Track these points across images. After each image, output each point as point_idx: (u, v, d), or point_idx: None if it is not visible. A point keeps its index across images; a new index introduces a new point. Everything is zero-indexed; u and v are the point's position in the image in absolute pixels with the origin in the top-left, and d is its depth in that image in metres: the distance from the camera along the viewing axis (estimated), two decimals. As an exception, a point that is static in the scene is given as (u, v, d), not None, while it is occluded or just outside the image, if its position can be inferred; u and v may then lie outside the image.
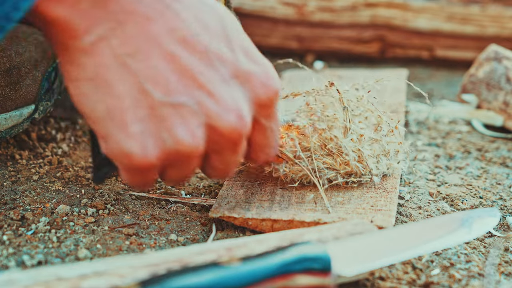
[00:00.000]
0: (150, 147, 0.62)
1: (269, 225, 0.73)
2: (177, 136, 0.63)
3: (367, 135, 0.79)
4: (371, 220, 0.71)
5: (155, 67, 0.62)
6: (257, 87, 0.66)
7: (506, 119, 1.04)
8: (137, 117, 0.62)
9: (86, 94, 0.62)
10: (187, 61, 0.63)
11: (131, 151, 0.62)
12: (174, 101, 0.62)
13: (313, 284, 0.58)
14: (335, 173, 0.77)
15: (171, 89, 0.62)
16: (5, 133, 0.84)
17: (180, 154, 0.64)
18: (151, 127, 0.62)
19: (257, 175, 0.82)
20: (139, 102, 0.62)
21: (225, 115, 0.64)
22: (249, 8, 1.40)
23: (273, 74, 0.68)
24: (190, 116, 0.63)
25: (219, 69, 0.64)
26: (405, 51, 1.39)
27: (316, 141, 0.77)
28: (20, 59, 0.83)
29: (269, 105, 0.68)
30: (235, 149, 0.67)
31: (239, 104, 0.65)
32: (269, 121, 0.69)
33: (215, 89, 0.64)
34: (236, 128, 0.65)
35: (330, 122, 0.78)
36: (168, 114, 0.62)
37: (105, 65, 0.61)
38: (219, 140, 0.65)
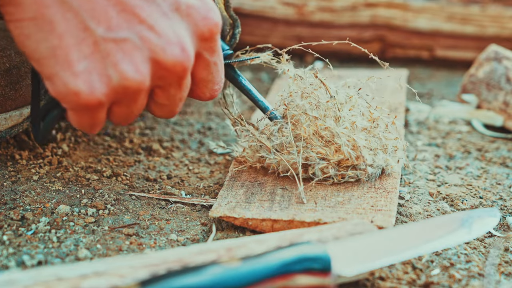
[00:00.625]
0: (97, 84, 0.62)
1: (269, 225, 0.73)
2: (122, 71, 0.63)
3: (360, 123, 0.79)
4: (371, 220, 0.71)
5: (96, 3, 0.62)
6: (198, 20, 0.67)
7: (506, 119, 1.04)
8: (81, 55, 0.62)
9: (29, 34, 0.62)
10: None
11: (78, 89, 0.62)
12: (117, 36, 0.62)
13: (313, 284, 0.58)
14: (326, 163, 0.77)
15: (113, 24, 0.62)
16: (5, 133, 0.84)
17: (127, 89, 0.64)
18: (96, 64, 0.62)
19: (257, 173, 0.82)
20: (82, 39, 0.62)
21: (168, 48, 0.64)
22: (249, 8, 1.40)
23: (213, 7, 0.68)
24: (134, 50, 0.63)
25: (160, 3, 0.64)
26: (405, 51, 1.39)
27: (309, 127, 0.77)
28: (20, 59, 0.83)
29: (211, 38, 0.68)
30: (180, 83, 0.67)
31: (182, 37, 0.65)
32: (212, 56, 0.69)
33: (157, 23, 0.64)
34: (180, 61, 0.65)
35: (322, 111, 0.78)
36: (112, 50, 0.62)
37: (45, 4, 0.61)
38: (164, 74, 0.65)
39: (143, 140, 0.96)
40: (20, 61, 0.83)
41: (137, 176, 0.86)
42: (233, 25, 0.83)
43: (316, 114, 0.78)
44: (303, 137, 0.78)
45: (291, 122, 0.79)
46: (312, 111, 0.78)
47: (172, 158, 0.92)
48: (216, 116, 1.10)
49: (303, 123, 0.78)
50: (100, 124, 0.67)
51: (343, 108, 0.79)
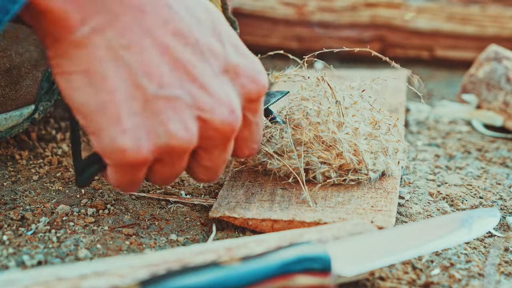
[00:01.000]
0: (144, 141, 0.61)
1: (269, 225, 0.73)
2: (171, 130, 0.62)
3: (362, 129, 0.79)
4: (372, 220, 0.71)
5: (149, 59, 0.61)
6: (246, 82, 0.66)
7: (506, 119, 1.04)
8: (131, 111, 0.61)
9: (78, 88, 0.61)
10: (181, 53, 0.62)
11: (125, 146, 0.61)
12: (168, 94, 0.61)
13: (313, 284, 0.58)
14: (328, 167, 0.77)
15: (165, 82, 0.61)
16: (5, 133, 0.84)
17: (173, 148, 0.63)
18: (145, 121, 0.61)
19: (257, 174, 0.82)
20: (133, 95, 0.61)
21: (218, 108, 0.63)
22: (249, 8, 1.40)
23: (261, 69, 0.68)
24: (184, 109, 0.62)
25: (211, 63, 0.64)
26: (405, 51, 1.39)
27: (310, 132, 0.77)
28: (20, 59, 0.83)
29: (257, 100, 0.68)
30: (225, 145, 0.66)
31: (231, 98, 0.64)
32: (255, 116, 0.69)
33: (208, 82, 0.63)
34: (229, 122, 0.64)
35: (324, 117, 0.78)
36: (162, 108, 0.61)
37: (99, 58, 0.60)
38: (212, 135, 0.64)
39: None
40: (20, 61, 0.83)
41: (137, 176, 0.86)
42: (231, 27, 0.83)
43: (318, 119, 0.78)
44: (304, 142, 0.78)
45: (291, 127, 0.79)
46: (314, 116, 0.78)
47: (172, 158, 0.92)
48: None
49: (304, 127, 0.78)
50: (139, 184, 0.66)
51: (347, 113, 0.79)
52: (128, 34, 0.60)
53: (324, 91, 0.80)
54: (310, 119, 0.78)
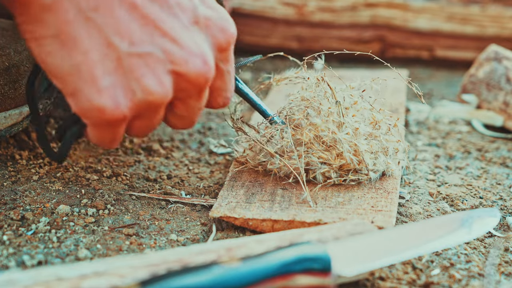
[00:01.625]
0: (121, 99, 0.63)
1: (269, 226, 0.73)
2: (146, 86, 0.63)
3: (362, 129, 0.79)
4: (372, 220, 0.71)
5: (119, 18, 0.62)
6: (216, 32, 0.67)
7: (506, 119, 1.04)
8: (105, 70, 0.62)
9: (51, 52, 0.62)
10: (149, 9, 0.63)
11: (104, 105, 0.62)
12: (140, 50, 0.62)
13: (313, 284, 0.58)
14: (328, 167, 0.77)
15: (136, 39, 0.62)
16: (5, 132, 0.84)
17: (150, 103, 0.64)
18: (120, 79, 0.62)
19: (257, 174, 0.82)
20: (106, 55, 0.62)
21: (191, 60, 0.64)
22: (249, 8, 1.40)
23: (229, 18, 0.69)
24: (157, 64, 0.63)
25: (180, 16, 0.65)
26: (405, 51, 1.39)
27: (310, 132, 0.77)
28: (19, 58, 0.83)
29: (227, 49, 0.69)
30: (200, 95, 0.67)
31: (203, 49, 0.65)
32: (226, 65, 0.70)
33: (179, 35, 0.64)
34: (202, 73, 0.65)
35: (324, 117, 0.78)
36: (136, 64, 0.62)
37: (69, 21, 0.61)
38: (186, 86, 0.65)
39: (143, 140, 0.96)
40: (19, 59, 0.83)
41: (137, 176, 0.86)
42: None
43: (318, 120, 0.78)
44: (304, 142, 0.78)
45: (291, 127, 0.79)
46: (314, 117, 0.78)
47: (172, 158, 0.92)
48: (216, 116, 1.10)
49: (304, 128, 0.78)
50: (119, 139, 0.67)
51: (347, 113, 0.79)
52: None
53: (324, 92, 0.80)
54: (310, 119, 0.78)
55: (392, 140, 0.81)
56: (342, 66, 1.33)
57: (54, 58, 0.62)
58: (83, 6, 0.61)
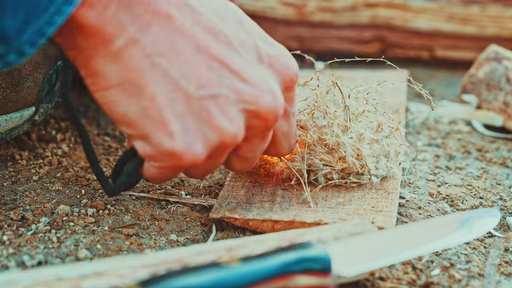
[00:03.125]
0: (195, 143, 0.62)
1: (270, 226, 0.72)
2: (219, 127, 0.62)
3: (367, 135, 0.79)
4: (372, 221, 0.71)
5: (186, 61, 0.61)
6: (281, 69, 0.67)
7: (506, 119, 1.04)
8: (175, 114, 0.61)
9: (117, 101, 0.61)
10: (215, 50, 0.63)
11: (177, 150, 0.62)
12: (210, 92, 0.62)
13: (313, 285, 0.58)
14: (330, 169, 0.77)
15: (204, 81, 0.62)
16: (5, 135, 0.84)
17: (224, 143, 0.64)
18: (192, 122, 0.62)
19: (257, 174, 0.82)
20: (174, 99, 0.61)
21: (261, 97, 0.64)
22: (250, 9, 1.40)
23: (290, 55, 0.69)
24: (228, 104, 0.63)
25: (245, 55, 0.64)
26: (405, 52, 1.39)
27: (314, 134, 0.77)
28: (21, 61, 0.83)
29: (292, 88, 0.68)
30: (266, 133, 0.67)
31: (272, 84, 0.65)
32: (291, 106, 0.70)
33: (247, 73, 0.63)
34: (273, 108, 0.64)
35: (331, 120, 0.78)
36: (206, 107, 0.62)
37: (135, 68, 0.60)
38: (257, 124, 0.65)
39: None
40: (21, 63, 0.83)
41: (137, 177, 0.86)
42: None
43: (324, 122, 0.78)
44: (308, 144, 0.78)
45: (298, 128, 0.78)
46: (320, 119, 0.78)
47: (172, 159, 0.92)
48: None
49: (309, 129, 0.78)
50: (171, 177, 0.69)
51: (357, 119, 0.79)
52: (160, 41, 0.61)
53: (333, 95, 0.80)
54: (316, 122, 0.78)
55: (394, 143, 0.81)
56: (342, 66, 1.33)
57: (121, 106, 0.62)
58: (149, 52, 0.61)
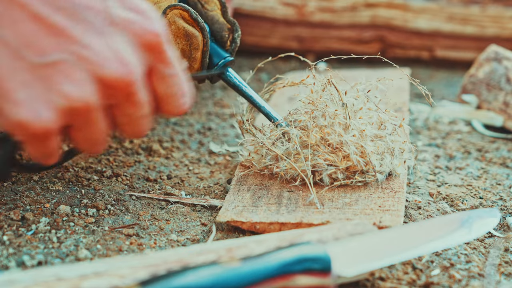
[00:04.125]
0: (43, 110, 0.61)
1: (277, 229, 0.72)
2: (64, 92, 0.62)
3: (369, 131, 0.78)
4: (380, 220, 0.71)
5: (24, 30, 0.61)
6: (139, 32, 0.65)
7: (506, 119, 1.04)
8: (20, 83, 0.61)
9: None
10: (54, 18, 0.62)
11: (24, 118, 0.61)
12: (50, 59, 0.61)
13: (313, 285, 0.58)
14: (334, 169, 0.77)
15: (44, 49, 0.61)
16: (5, 134, 0.84)
17: (75, 110, 0.63)
18: (38, 91, 0.61)
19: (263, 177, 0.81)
20: (17, 68, 0.61)
21: (107, 64, 0.63)
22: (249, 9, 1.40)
23: (151, 16, 0.67)
24: (72, 70, 0.62)
25: (91, 21, 0.63)
26: (405, 52, 1.39)
27: (317, 134, 0.77)
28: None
29: (158, 49, 0.67)
30: (131, 99, 0.66)
31: (120, 51, 0.64)
32: (167, 68, 0.68)
33: (90, 41, 0.63)
34: (121, 76, 0.63)
35: (331, 119, 0.78)
36: (50, 74, 0.61)
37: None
38: (112, 92, 0.64)
39: (143, 140, 0.96)
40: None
41: (137, 177, 0.86)
42: (231, 29, 0.82)
43: (325, 122, 0.78)
44: (310, 144, 0.77)
45: (297, 129, 0.78)
46: (320, 119, 0.78)
47: (172, 159, 0.92)
48: (216, 116, 1.10)
49: (310, 130, 0.78)
50: (54, 153, 0.66)
51: (355, 116, 0.79)
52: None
53: (330, 94, 0.80)
54: (316, 121, 0.78)
55: (398, 141, 0.81)
56: (343, 66, 1.33)
57: None
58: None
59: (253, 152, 0.83)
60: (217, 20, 0.82)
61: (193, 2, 0.83)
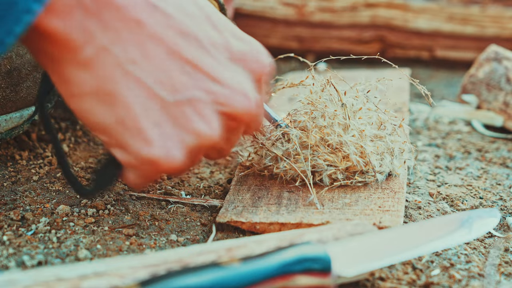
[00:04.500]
0: (174, 149, 0.62)
1: (277, 229, 0.72)
2: (196, 131, 0.62)
3: (369, 131, 0.78)
4: (380, 221, 0.71)
5: (158, 67, 0.61)
6: (252, 64, 0.67)
7: (506, 119, 1.04)
8: (151, 122, 0.61)
9: (91, 108, 0.61)
10: (187, 53, 0.62)
11: (156, 157, 0.61)
12: (185, 97, 0.62)
13: (313, 285, 0.58)
14: (334, 169, 0.77)
15: (179, 85, 0.61)
16: (5, 135, 0.84)
17: (203, 146, 0.64)
18: (169, 128, 0.62)
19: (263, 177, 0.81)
20: (150, 106, 0.61)
21: (235, 98, 0.64)
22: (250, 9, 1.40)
23: (262, 49, 0.69)
24: (203, 107, 0.62)
25: (216, 55, 0.64)
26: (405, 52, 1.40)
27: (316, 135, 0.77)
28: (21, 61, 0.83)
29: (262, 80, 0.69)
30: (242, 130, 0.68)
31: (244, 84, 0.65)
32: (260, 93, 0.70)
33: (219, 74, 0.63)
34: (247, 110, 0.65)
35: (330, 120, 0.78)
36: (182, 111, 0.62)
37: (107, 76, 0.59)
38: (234, 124, 0.65)
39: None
40: (20, 63, 0.83)
41: (137, 177, 0.86)
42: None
43: (324, 122, 0.78)
44: (310, 145, 0.77)
45: (297, 129, 0.78)
46: (320, 119, 0.78)
47: (172, 159, 0.92)
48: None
49: (310, 130, 0.78)
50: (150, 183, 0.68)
51: (355, 116, 0.79)
52: (131, 48, 0.60)
53: (330, 94, 0.80)
54: (316, 122, 0.78)
55: (398, 141, 0.81)
56: (343, 66, 1.33)
57: (96, 114, 0.61)
58: (121, 60, 0.59)
59: (253, 153, 0.83)
60: None
61: None
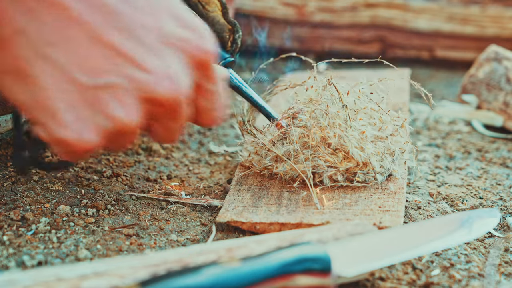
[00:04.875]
0: (87, 132, 0.62)
1: (277, 229, 0.72)
2: (112, 116, 0.62)
3: (369, 132, 0.78)
4: (380, 221, 0.71)
5: (79, 51, 0.60)
6: (190, 51, 0.66)
7: (506, 119, 1.04)
8: (66, 104, 0.61)
9: (11, 87, 0.61)
10: (111, 38, 0.61)
11: (68, 139, 0.61)
12: (103, 82, 0.61)
13: (313, 285, 0.58)
14: (334, 170, 0.77)
15: (98, 70, 0.61)
16: (6, 135, 0.84)
17: (121, 131, 0.63)
18: (85, 112, 0.61)
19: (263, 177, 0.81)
20: (67, 89, 0.61)
21: (158, 83, 0.63)
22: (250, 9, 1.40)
23: (204, 35, 0.67)
24: (123, 93, 0.62)
25: (145, 39, 0.63)
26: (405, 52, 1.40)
27: (317, 133, 0.77)
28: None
29: (206, 67, 0.68)
30: (175, 116, 0.67)
31: (172, 70, 0.64)
32: (210, 84, 0.69)
33: (144, 60, 0.63)
34: (172, 94, 0.64)
35: (331, 120, 0.78)
36: (100, 96, 0.61)
37: (24, 57, 0.59)
38: (159, 110, 0.65)
39: (143, 140, 0.96)
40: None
41: (137, 177, 0.86)
42: (232, 30, 0.82)
43: (325, 123, 0.77)
44: (311, 145, 0.77)
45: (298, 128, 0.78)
46: (320, 120, 0.78)
47: (172, 159, 0.92)
48: (216, 116, 1.10)
49: (311, 130, 0.78)
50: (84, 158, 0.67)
51: (356, 116, 0.79)
52: (52, 32, 0.60)
53: (331, 94, 0.79)
54: (316, 122, 0.78)
55: (399, 141, 0.81)
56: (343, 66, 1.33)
57: (16, 93, 0.61)
58: (39, 42, 0.59)
59: (253, 153, 0.83)
60: (217, 21, 0.82)
61: (194, 3, 0.83)
